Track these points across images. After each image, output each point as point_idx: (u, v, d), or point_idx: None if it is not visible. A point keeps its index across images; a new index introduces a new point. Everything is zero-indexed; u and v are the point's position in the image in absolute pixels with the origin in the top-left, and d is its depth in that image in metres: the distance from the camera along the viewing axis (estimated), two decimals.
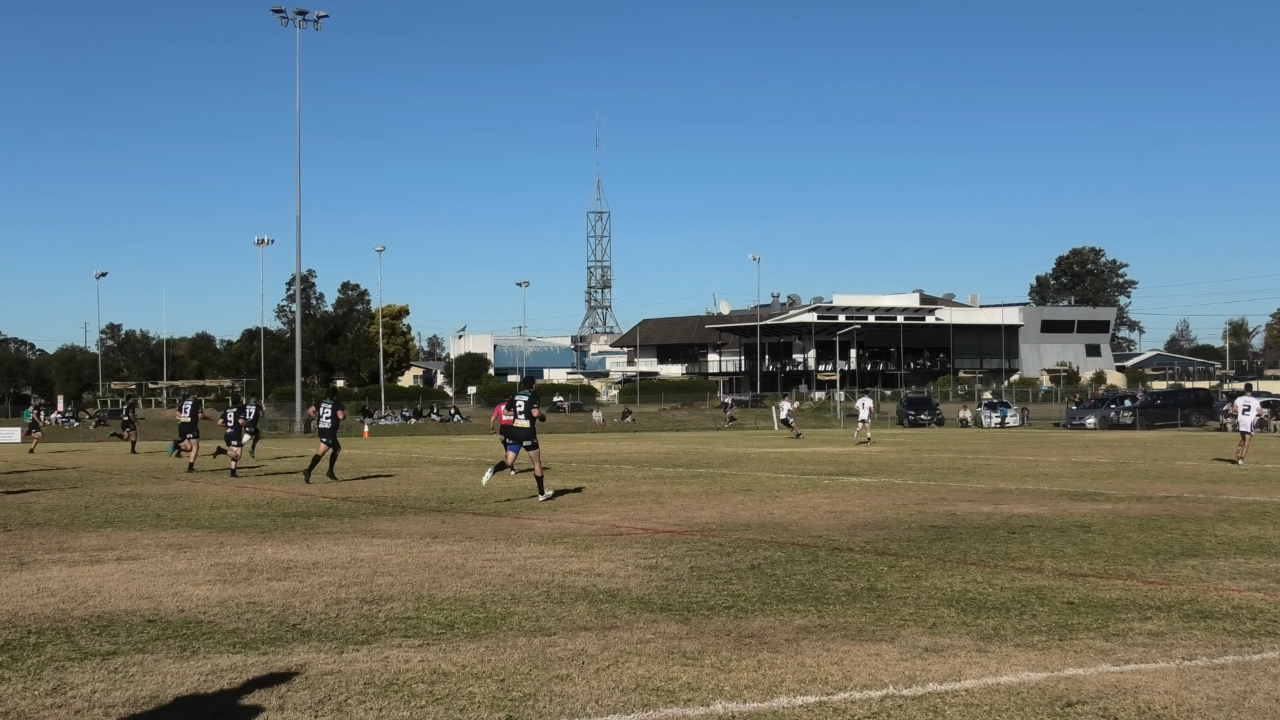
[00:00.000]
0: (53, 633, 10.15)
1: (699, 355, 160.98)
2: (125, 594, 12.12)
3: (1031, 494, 23.37)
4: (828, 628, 10.05)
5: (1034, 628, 9.98)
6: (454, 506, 21.92)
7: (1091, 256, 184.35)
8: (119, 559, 14.88)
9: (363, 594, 11.96)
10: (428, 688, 8.12)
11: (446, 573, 13.36)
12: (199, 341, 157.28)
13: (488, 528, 18.14)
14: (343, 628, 10.24)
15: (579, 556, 14.64)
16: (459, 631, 10.02)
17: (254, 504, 22.90)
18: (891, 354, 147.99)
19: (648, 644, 9.43)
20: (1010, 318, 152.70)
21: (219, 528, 18.51)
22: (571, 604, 11.31)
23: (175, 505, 22.56)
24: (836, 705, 7.62)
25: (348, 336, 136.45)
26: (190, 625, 10.41)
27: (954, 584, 12.28)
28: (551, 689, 8.06)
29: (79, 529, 18.52)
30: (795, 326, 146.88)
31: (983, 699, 7.74)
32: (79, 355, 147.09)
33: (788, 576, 12.88)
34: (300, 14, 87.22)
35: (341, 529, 18.18)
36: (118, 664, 8.91)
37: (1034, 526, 17.59)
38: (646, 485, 26.90)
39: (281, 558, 14.81)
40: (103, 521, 19.66)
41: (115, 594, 12.13)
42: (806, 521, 18.60)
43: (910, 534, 16.82)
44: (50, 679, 8.48)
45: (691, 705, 7.65)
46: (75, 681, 8.39)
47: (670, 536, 16.75)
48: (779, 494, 24.01)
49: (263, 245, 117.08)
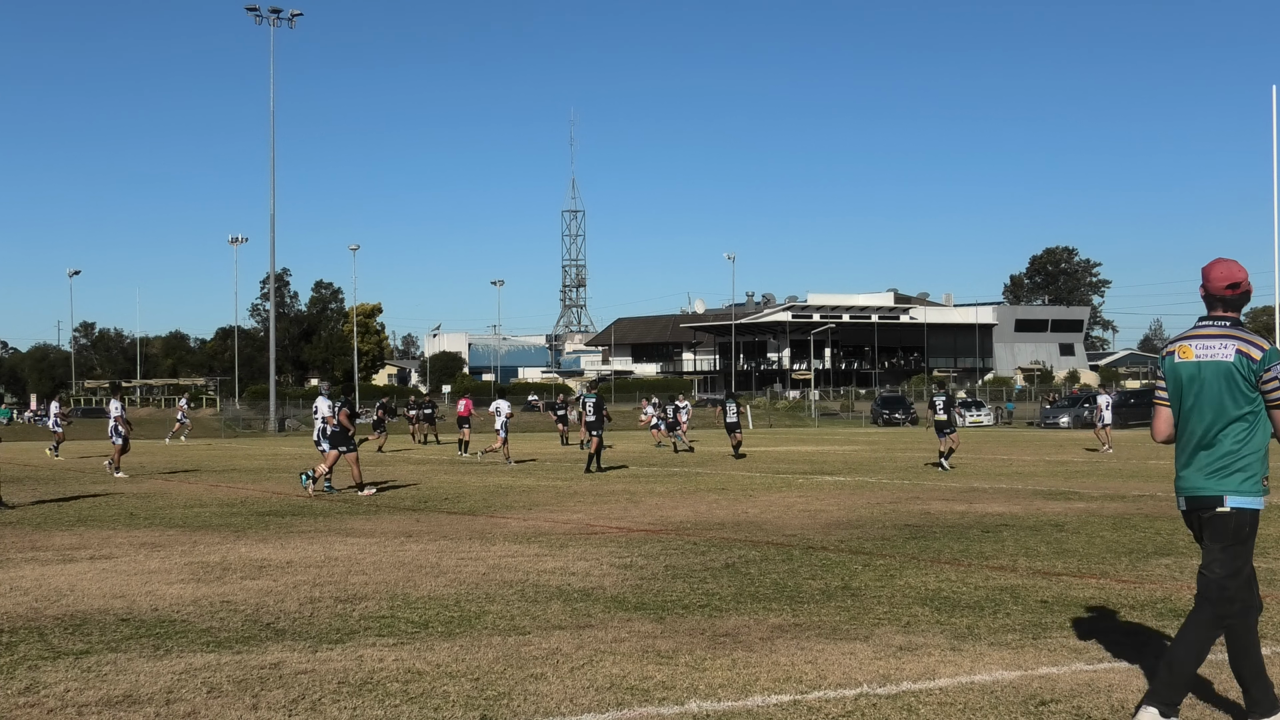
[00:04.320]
0: (25, 631, 10.11)
1: (674, 354, 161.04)
2: (98, 593, 12.08)
3: (1005, 493, 23.44)
4: (802, 626, 10.06)
5: (1008, 626, 10.01)
6: (428, 505, 21.89)
7: (1065, 256, 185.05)
8: (92, 558, 14.82)
9: (337, 593, 11.94)
10: (402, 687, 8.11)
11: (421, 572, 13.34)
12: (173, 340, 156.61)
13: (462, 527, 18.12)
14: (317, 627, 10.21)
15: (554, 555, 14.64)
16: (433, 630, 10.00)
17: (227, 503, 22.83)
18: (866, 353, 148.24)
19: (622, 643, 9.43)
20: (984, 317, 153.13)
21: (192, 526, 18.46)
22: (546, 603, 11.30)
23: (149, 504, 22.48)
24: (811, 704, 7.62)
25: (322, 335, 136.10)
26: (163, 624, 10.38)
27: (928, 583, 12.31)
28: (526, 688, 8.05)
29: (51, 528, 18.44)
30: (770, 326, 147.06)
31: (957, 698, 7.75)
32: (52, 354, 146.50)
33: (762, 575, 12.90)
34: (274, 12, 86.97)
35: (315, 528, 18.14)
36: (91, 663, 8.88)
37: (1008, 525, 17.64)
38: (621, 484, 26.90)
39: (255, 556, 14.77)
40: (75, 520, 19.58)
41: (88, 593, 12.08)
42: (781, 520, 18.63)
43: (884, 533, 16.85)
44: (23, 678, 8.44)
45: (666, 704, 7.65)
46: (48, 680, 8.36)
47: (645, 535, 16.76)
48: (753, 493, 24.04)
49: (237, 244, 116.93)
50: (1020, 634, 9.71)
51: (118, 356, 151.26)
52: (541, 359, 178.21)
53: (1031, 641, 9.42)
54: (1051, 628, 9.96)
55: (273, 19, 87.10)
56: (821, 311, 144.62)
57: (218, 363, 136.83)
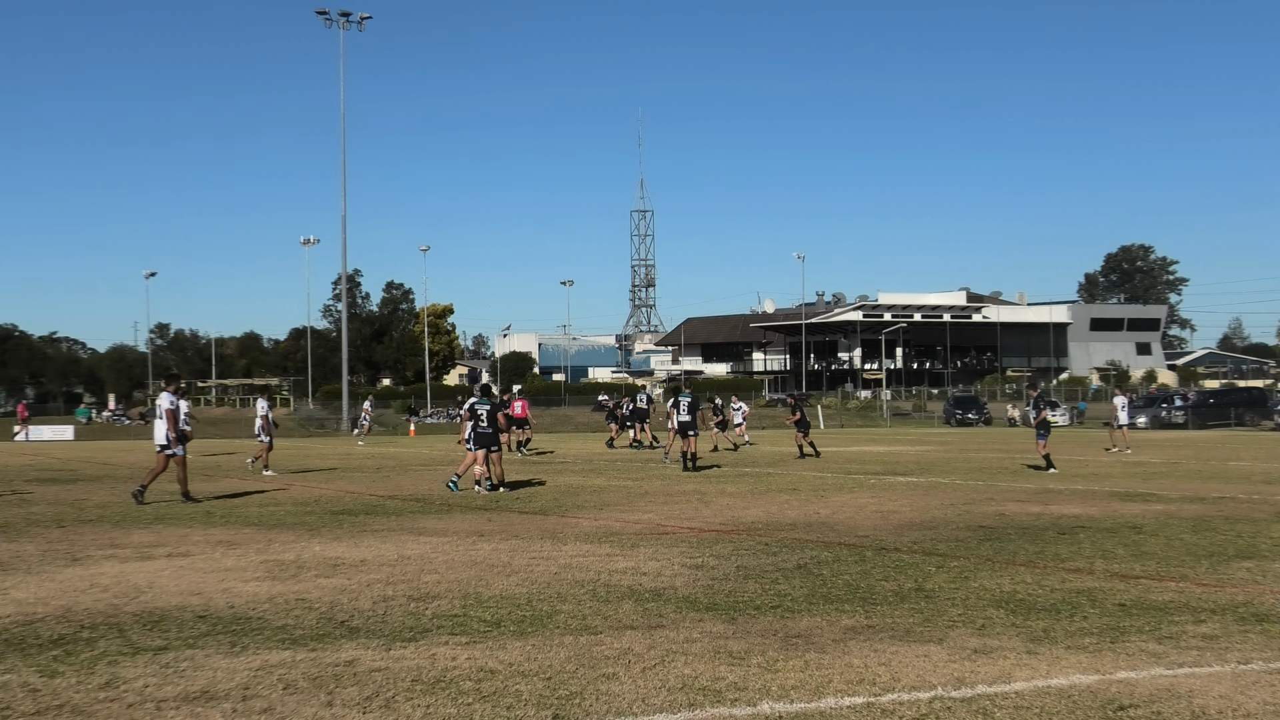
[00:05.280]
0: (105, 628, 10.22)
1: (744, 354, 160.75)
2: (176, 590, 12.20)
3: (1081, 494, 23.20)
4: (875, 628, 10.00)
5: (1085, 630, 9.91)
6: (500, 504, 21.95)
7: (1141, 253, 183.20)
8: (169, 555, 14.97)
9: (410, 591, 11.99)
10: (474, 685, 8.13)
11: (493, 571, 13.37)
12: (247, 340, 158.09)
13: (533, 526, 18.16)
14: (390, 625, 10.26)
15: (625, 555, 14.63)
16: (505, 629, 10.02)
17: (302, 501, 23.01)
18: (938, 352, 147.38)
19: (694, 643, 9.41)
20: (1059, 316, 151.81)
21: (267, 525, 18.60)
22: (617, 603, 11.30)
23: (224, 503, 22.68)
24: (884, 706, 7.57)
25: (393, 335, 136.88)
26: (239, 621, 10.46)
27: (1003, 585, 12.20)
28: (598, 688, 8.05)
29: (130, 526, 18.65)
30: (840, 325, 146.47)
31: (1033, 701, 7.67)
32: (129, 354, 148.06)
33: (834, 576, 12.83)
34: (344, 15, 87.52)
35: (388, 527, 18.24)
36: (169, 659, 8.97)
37: (1084, 527, 17.46)
38: (692, 484, 26.86)
39: (329, 555, 14.87)
40: (153, 518, 19.79)
41: (166, 590, 12.21)
42: (853, 521, 18.54)
43: (958, 534, 16.73)
44: (103, 673, 8.54)
45: (738, 705, 7.62)
46: (128, 676, 8.45)
47: (716, 536, 16.73)
48: (825, 493, 23.94)
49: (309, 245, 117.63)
50: (1097, 637, 9.60)
51: (193, 357, 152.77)
52: (611, 359, 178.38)
53: (1109, 645, 9.31)
54: (1129, 631, 9.84)
55: (342, 22, 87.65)
56: (893, 311, 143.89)
57: (291, 363, 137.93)
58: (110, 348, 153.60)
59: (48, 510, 21.11)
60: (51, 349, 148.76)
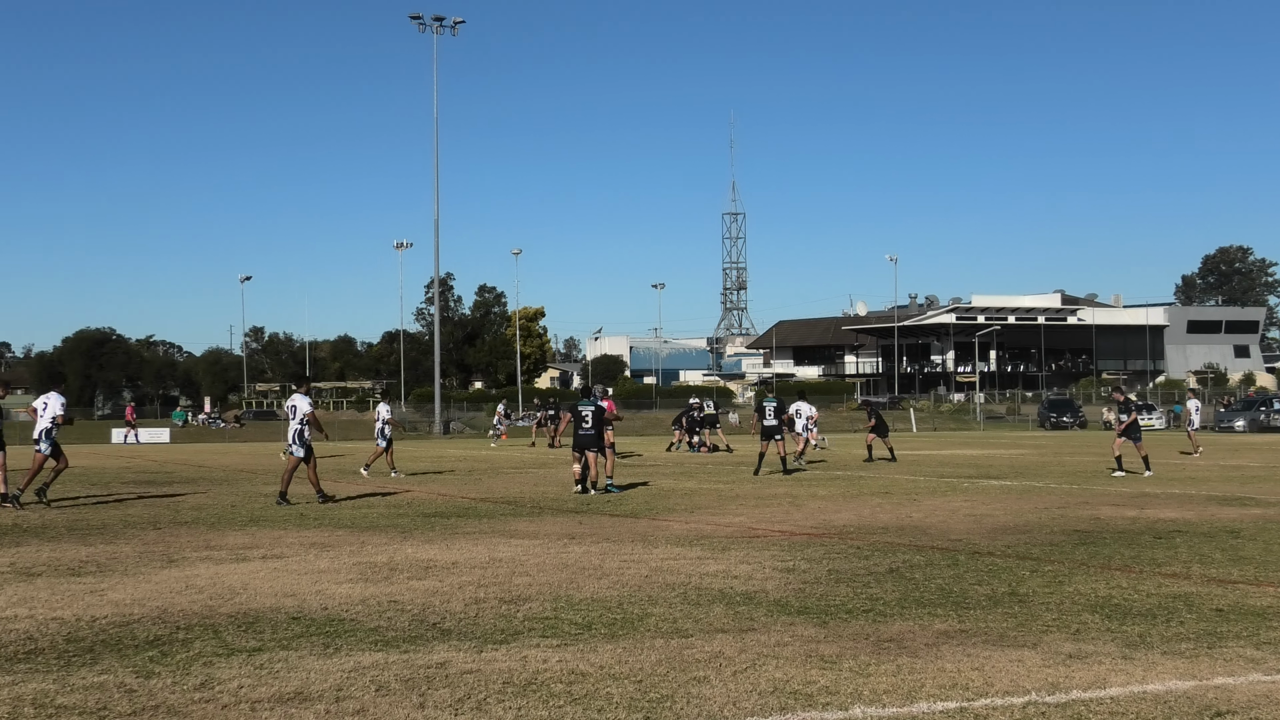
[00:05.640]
0: (200, 629, 10.35)
1: (835, 357, 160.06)
2: (270, 591, 12.33)
3: (1178, 498, 22.89)
4: (968, 633, 9.93)
5: (1181, 635, 9.77)
6: (591, 507, 22.01)
7: (1239, 255, 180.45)
8: (264, 557, 15.14)
9: (501, 594, 12.05)
10: (566, 688, 8.15)
11: (584, 573, 13.41)
12: (340, 344, 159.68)
13: (624, 529, 18.19)
14: (482, 627, 10.31)
15: (716, 558, 14.62)
16: (596, 632, 10.05)
17: (394, 504, 23.19)
18: (1032, 355, 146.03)
19: (785, 647, 9.38)
20: (1155, 318, 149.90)
21: (360, 527, 18.77)
22: (708, 606, 11.29)
23: (318, 505, 22.91)
24: (978, 712, 7.51)
25: (485, 339, 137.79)
26: (333, 623, 10.56)
27: (1098, 590, 12.07)
28: (689, 691, 8.04)
29: (225, 527, 18.88)
30: (933, 328, 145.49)
31: (1128, 707, 7.58)
32: (224, 358, 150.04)
33: (927, 580, 12.75)
34: (437, 20, 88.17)
35: (480, 529, 18.34)
36: (263, 660, 9.07)
37: (1181, 531, 17.23)
38: (783, 487, 26.79)
39: (421, 557, 14.97)
40: (248, 520, 20.03)
41: (260, 591, 12.34)
42: (945, 525, 18.41)
43: (1052, 538, 16.56)
44: (198, 674, 8.64)
45: (830, 709, 7.59)
46: (222, 677, 8.55)
47: (807, 539, 16.67)
48: (917, 497, 23.79)
49: (402, 249, 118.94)
50: (1194, 643, 9.47)
51: (287, 360, 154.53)
52: (703, 362, 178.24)
53: (1206, 651, 9.18)
54: (1227, 637, 9.70)
55: (436, 26, 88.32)
56: (986, 313, 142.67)
57: (384, 366, 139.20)
58: (206, 351, 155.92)
59: (144, 512, 21.44)
60: (148, 352, 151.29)
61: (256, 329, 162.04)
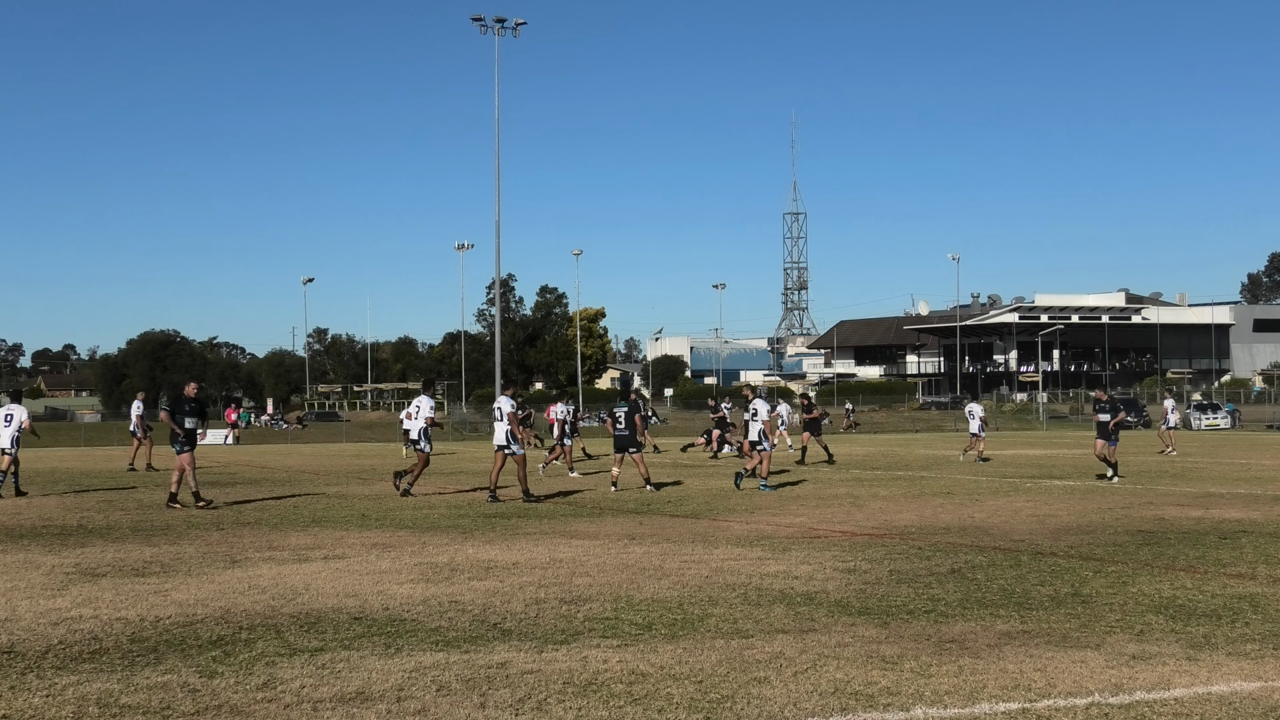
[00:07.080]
0: (263, 629, 10.43)
1: (897, 356, 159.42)
2: (332, 592, 12.41)
3: (1244, 498, 22.65)
4: (1030, 633, 9.86)
5: (1247, 636, 9.67)
6: (651, 508, 22.01)
7: None
8: (326, 558, 15.23)
9: (561, 594, 12.07)
10: (626, 688, 8.16)
11: (644, 574, 13.41)
12: (401, 345, 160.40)
13: (685, 529, 18.18)
14: (542, 627, 10.34)
15: (776, 559, 14.59)
16: (657, 633, 10.05)
17: (455, 504, 23.27)
18: (1096, 354, 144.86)
19: (846, 647, 9.35)
20: (1220, 317, 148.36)
21: (422, 528, 18.84)
22: (769, 606, 11.27)
23: (380, 505, 23.03)
24: (1040, 712, 7.46)
25: (546, 339, 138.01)
26: (394, 623, 10.61)
27: (1162, 590, 11.96)
28: (749, 691, 8.03)
29: (288, 528, 19.01)
30: (996, 327, 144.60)
31: (1193, 709, 7.51)
32: (287, 359, 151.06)
33: (989, 581, 12.67)
34: (499, 21, 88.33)
35: (540, 530, 18.37)
36: (325, 660, 9.12)
37: (1247, 532, 17.04)
38: (844, 488, 26.70)
39: (482, 558, 15.02)
40: (310, 521, 20.15)
41: (322, 592, 12.42)
42: (1008, 525, 18.29)
43: (1116, 539, 16.42)
44: (261, 674, 8.71)
45: (891, 710, 7.56)
46: (285, 677, 8.61)
47: (868, 539, 16.61)
48: (979, 497, 23.64)
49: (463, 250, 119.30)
50: (1260, 644, 9.37)
51: (349, 361, 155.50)
52: (763, 362, 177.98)
53: (1272, 652, 9.08)
54: None
55: (497, 28, 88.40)
56: (1049, 312, 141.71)
57: (445, 367, 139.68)
58: (269, 353, 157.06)
59: (207, 513, 21.62)
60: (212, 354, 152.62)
61: (320, 330, 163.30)
